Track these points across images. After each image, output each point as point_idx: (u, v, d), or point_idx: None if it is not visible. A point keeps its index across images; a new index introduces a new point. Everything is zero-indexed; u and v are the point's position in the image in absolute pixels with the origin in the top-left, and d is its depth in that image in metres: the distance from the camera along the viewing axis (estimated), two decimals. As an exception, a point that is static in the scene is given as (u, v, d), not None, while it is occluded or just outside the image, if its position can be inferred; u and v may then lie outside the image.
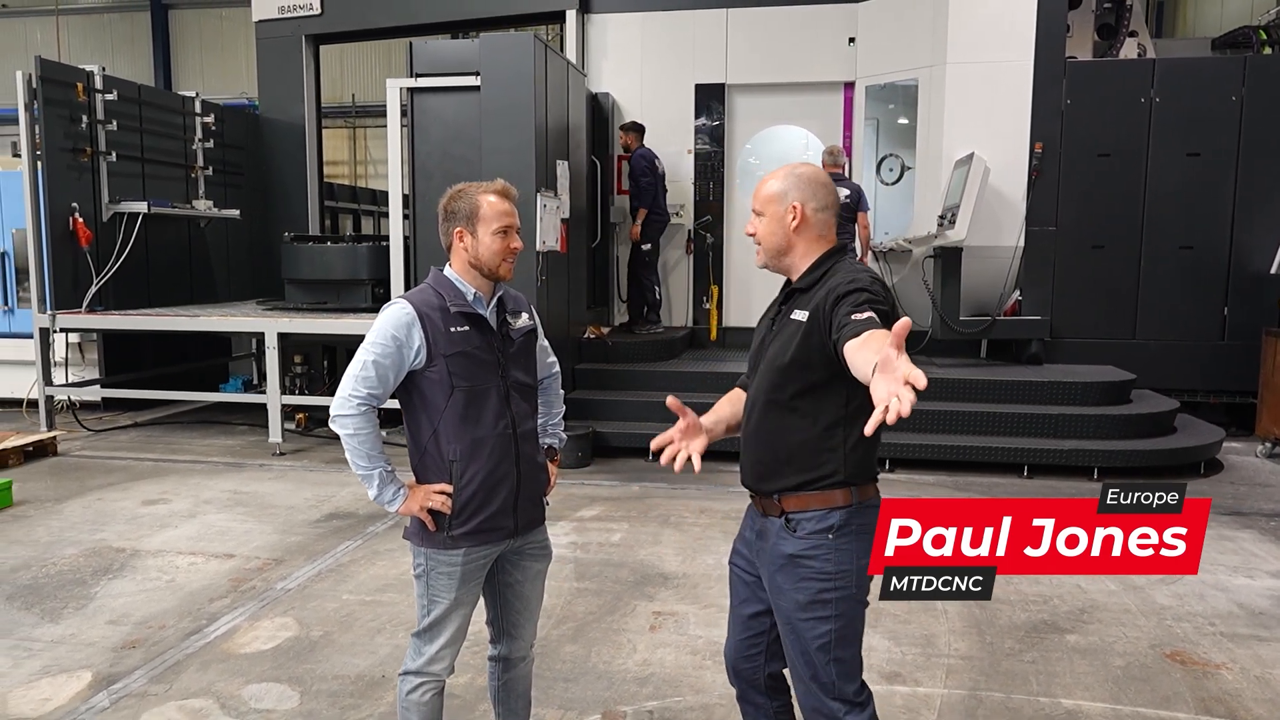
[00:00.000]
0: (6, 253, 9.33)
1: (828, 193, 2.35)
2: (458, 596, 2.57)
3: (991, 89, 7.99)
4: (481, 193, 2.56)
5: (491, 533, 2.57)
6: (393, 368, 2.49)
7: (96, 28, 20.12)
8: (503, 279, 2.58)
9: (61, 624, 4.17)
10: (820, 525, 2.26)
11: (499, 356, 2.57)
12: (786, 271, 2.38)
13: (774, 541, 2.33)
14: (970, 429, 7.13)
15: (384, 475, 2.52)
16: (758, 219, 2.37)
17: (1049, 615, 4.28)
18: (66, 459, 7.42)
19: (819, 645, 2.27)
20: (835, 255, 2.35)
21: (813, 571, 2.26)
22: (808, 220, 2.32)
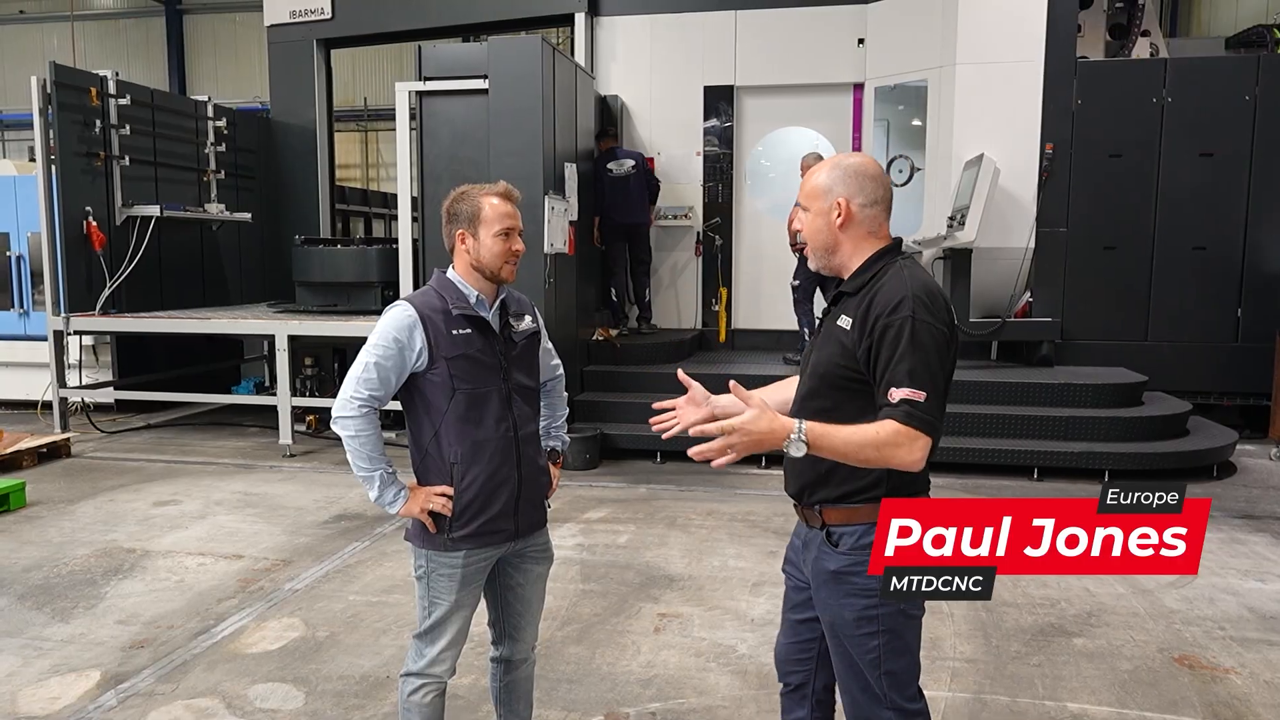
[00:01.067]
0: (22, 256, 9.43)
1: (877, 185, 2.20)
2: (458, 598, 2.57)
3: (1001, 89, 7.96)
4: (484, 195, 2.57)
5: (492, 535, 2.58)
6: (394, 370, 2.50)
7: (112, 33, 20.30)
8: (504, 281, 2.58)
9: (72, 623, 4.20)
10: (863, 540, 2.15)
11: (501, 359, 2.58)
12: (837, 271, 2.26)
13: (816, 555, 2.27)
14: (980, 431, 7.09)
15: (385, 477, 2.53)
16: (803, 214, 2.27)
17: (1056, 618, 4.26)
18: (80, 460, 7.48)
19: (870, 660, 2.21)
20: (886, 256, 2.21)
21: (857, 588, 2.18)
22: (854, 217, 2.19)
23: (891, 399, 2.04)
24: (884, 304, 2.09)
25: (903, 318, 2.05)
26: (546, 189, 6.98)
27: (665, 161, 9.53)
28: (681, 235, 9.57)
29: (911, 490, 2.19)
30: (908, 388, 2.02)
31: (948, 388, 2.14)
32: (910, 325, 2.04)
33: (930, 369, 2.04)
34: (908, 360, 2.03)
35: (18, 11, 20.24)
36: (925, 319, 2.05)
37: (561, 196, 7.33)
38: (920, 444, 2.04)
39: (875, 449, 2.04)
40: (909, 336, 2.04)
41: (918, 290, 2.09)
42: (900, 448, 2.03)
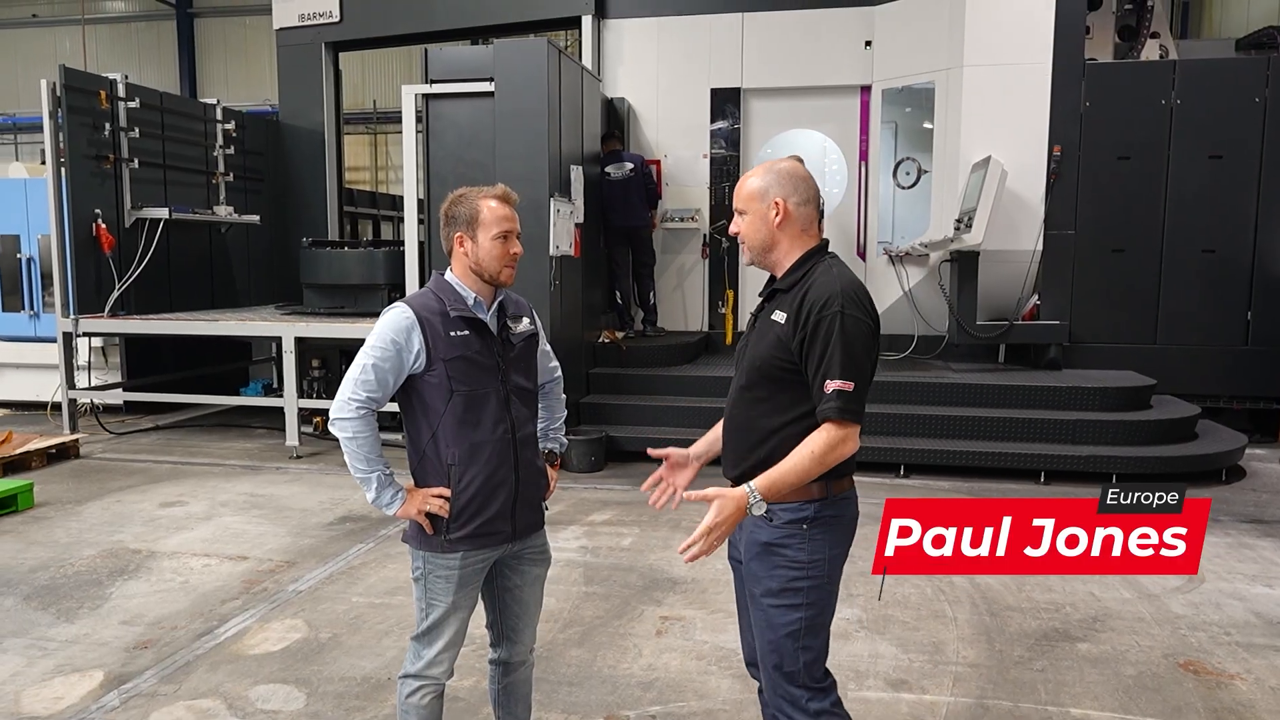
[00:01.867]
0: (33, 258, 9.49)
1: (809, 186, 2.37)
2: (455, 600, 2.57)
3: (1009, 91, 7.93)
4: (482, 198, 2.56)
5: (489, 536, 2.58)
6: (392, 371, 2.50)
7: (123, 36, 20.43)
8: (503, 284, 2.58)
9: (76, 624, 4.22)
10: (795, 516, 2.30)
11: (499, 361, 2.58)
12: (772, 268, 2.41)
13: (750, 529, 2.37)
14: (986, 434, 7.06)
15: (382, 478, 2.53)
16: (741, 218, 2.40)
17: (1060, 623, 4.23)
18: (88, 461, 7.52)
19: (788, 632, 2.33)
20: (817, 255, 2.37)
21: (786, 560, 2.31)
22: (791, 215, 2.34)
23: (826, 390, 2.21)
24: (815, 300, 2.25)
25: (833, 313, 2.21)
26: (552, 191, 6.99)
27: (672, 164, 9.53)
28: (688, 238, 9.56)
29: (837, 472, 2.31)
30: (838, 380, 2.20)
31: (873, 375, 2.32)
32: (840, 320, 2.21)
33: (858, 360, 2.21)
34: (838, 353, 2.20)
35: (30, 15, 20.40)
36: (853, 314, 2.23)
37: (567, 199, 7.34)
38: (853, 433, 2.24)
39: (819, 461, 2.22)
40: (839, 330, 2.20)
41: (846, 287, 2.26)
42: (842, 445, 2.23)
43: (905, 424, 7.17)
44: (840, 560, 2.38)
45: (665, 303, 9.53)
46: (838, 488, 2.34)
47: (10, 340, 9.67)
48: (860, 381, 2.21)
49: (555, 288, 7.09)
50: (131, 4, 20.30)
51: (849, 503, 2.40)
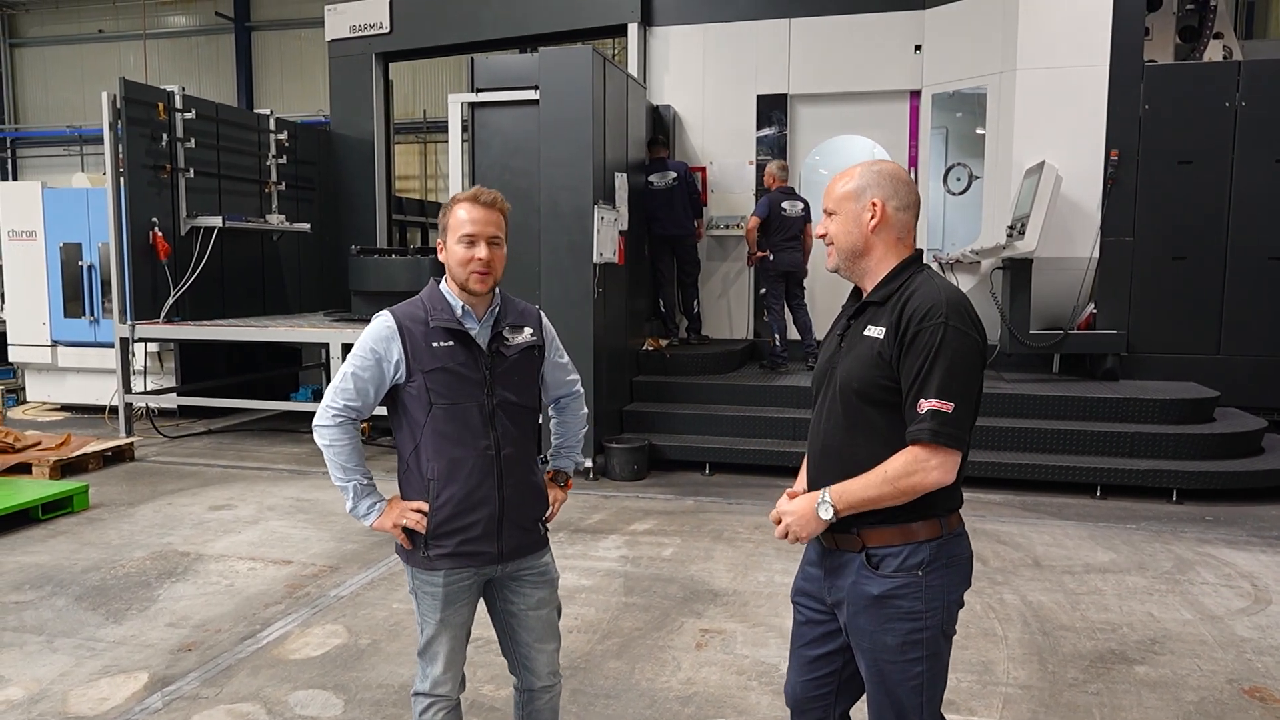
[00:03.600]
0: (93, 265, 9.75)
1: (910, 191, 2.17)
2: (443, 618, 2.51)
3: (1064, 95, 7.74)
4: (456, 202, 2.48)
5: (471, 557, 2.48)
6: (372, 381, 2.46)
7: (184, 50, 20.98)
8: (474, 292, 2.45)
9: (124, 625, 4.29)
10: (908, 562, 2.08)
11: (486, 374, 2.47)
12: (861, 277, 2.19)
13: (854, 581, 2.13)
14: (1040, 447, 6.87)
15: (359, 488, 2.49)
16: (829, 219, 2.20)
17: (1117, 644, 4.07)
18: (142, 464, 7.69)
19: (912, 687, 2.11)
20: (913, 266, 2.16)
21: (902, 612, 2.08)
22: (888, 219, 2.13)
23: (919, 410, 2.00)
24: (917, 309, 2.03)
25: (936, 324, 2.00)
26: (596, 198, 6.97)
27: (718, 171, 9.48)
28: (733, 245, 9.49)
29: (947, 507, 2.11)
30: (935, 399, 1.98)
31: (979, 399, 2.09)
32: (943, 332, 1.99)
33: (960, 379, 2.00)
34: (938, 369, 1.98)
35: (96, 31, 21.05)
36: (958, 326, 2.01)
37: (611, 206, 7.32)
38: (946, 461, 2.00)
39: (891, 483, 2.03)
40: (940, 344, 1.99)
41: (951, 297, 2.05)
42: (922, 472, 2.00)
43: (955, 435, 6.99)
44: (958, 606, 2.14)
45: (710, 311, 9.47)
46: (951, 524, 2.11)
47: (72, 345, 9.95)
48: (962, 403, 1.98)
49: (599, 295, 7.07)
50: (192, 19, 20.83)
51: (963, 540, 2.16)
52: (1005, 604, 4.52)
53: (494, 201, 2.47)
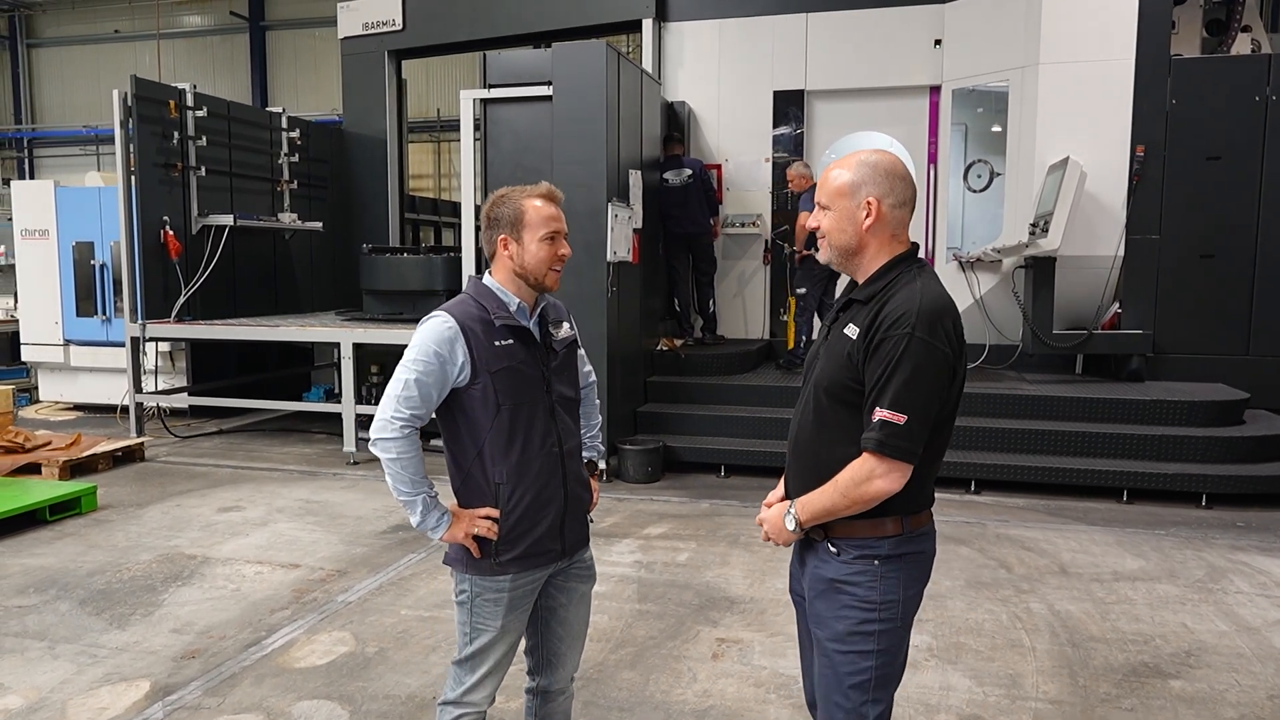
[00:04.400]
0: (105, 264, 9.71)
1: (906, 186, 2.10)
2: (504, 624, 2.43)
3: (1089, 90, 7.55)
4: (526, 197, 2.42)
5: (540, 556, 2.44)
6: (436, 385, 2.35)
7: (200, 50, 21.01)
8: (548, 289, 2.43)
9: (128, 631, 4.20)
10: (866, 551, 2.09)
11: (544, 370, 2.43)
12: (854, 273, 2.17)
13: (816, 564, 2.16)
14: (1064, 449, 6.71)
15: (428, 501, 2.39)
16: (823, 213, 2.14)
17: (1150, 657, 3.92)
18: (152, 464, 7.62)
19: (855, 683, 2.10)
20: (902, 264, 2.10)
21: (855, 599, 2.09)
22: (883, 218, 2.08)
23: (873, 418, 1.99)
24: (889, 315, 2.00)
25: (901, 334, 1.96)
26: (610, 196, 6.85)
27: (733, 168, 9.34)
28: (749, 243, 9.36)
29: (914, 506, 2.09)
30: (888, 409, 1.96)
31: (945, 414, 2.05)
32: (907, 343, 1.96)
33: (917, 392, 1.96)
34: (895, 379, 1.96)
35: (113, 31, 21.11)
36: (923, 337, 1.96)
37: (625, 204, 7.20)
38: (891, 471, 1.99)
39: (843, 493, 2.03)
40: (902, 354, 1.96)
41: (928, 304, 1.99)
42: (868, 481, 2.00)
43: (977, 438, 6.85)
44: (915, 602, 2.15)
45: (725, 310, 9.34)
46: (915, 523, 2.11)
47: (85, 344, 9.91)
48: (915, 417, 1.95)
49: (613, 294, 6.95)
50: (207, 18, 20.86)
51: (927, 538, 2.16)
52: (1032, 613, 4.37)
53: (560, 198, 2.48)
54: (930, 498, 2.16)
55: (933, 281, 2.07)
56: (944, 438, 2.11)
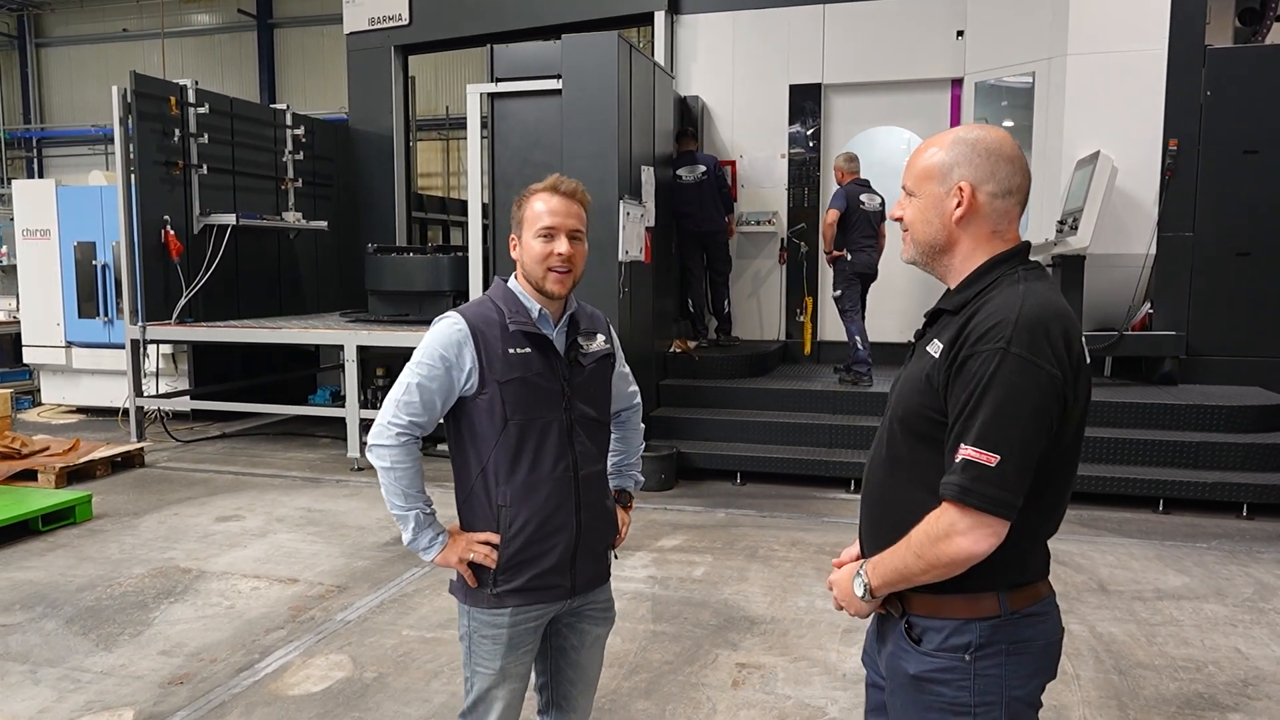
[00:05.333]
0: (107, 264, 9.52)
1: (1013, 171, 1.69)
2: (503, 666, 2.18)
3: (1119, 81, 7.27)
4: (532, 192, 2.19)
5: (543, 591, 2.19)
6: (440, 392, 2.13)
7: (208, 48, 20.87)
8: (550, 294, 2.17)
9: (114, 653, 3.98)
10: (953, 640, 1.66)
11: (564, 385, 2.18)
12: (943, 276, 1.76)
13: (893, 651, 1.76)
14: (1096, 457, 6.43)
15: (421, 518, 2.16)
16: (907, 200, 1.77)
17: (1204, 686, 3.65)
18: (152, 470, 7.42)
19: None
20: (1005, 264, 1.69)
21: (943, 701, 1.67)
22: (979, 208, 1.69)
23: (955, 458, 1.57)
24: (977, 327, 1.59)
25: (993, 349, 1.55)
26: (622, 193, 6.61)
27: (747, 165, 9.08)
28: (765, 242, 9.10)
29: (1018, 577, 1.66)
30: (974, 447, 1.55)
31: (1060, 456, 1.62)
32: (999, 360, 1.54)
33: (1014, 425, 1.54)
34: (985, 408, 1.54)
35: (121, 30, 20.98)
36: (1023, 354, 1.54)
37: (638, 201, 6.95)
38: (978, 527, 1.55)
39: (917, 554, 1.62)
40: (992, 375, 1.54)
41: (1030, 313, 1.57)
42: (947, 539, 1.58)
43: (1003, 444, 6.57)
44: (1023, 706, 1.68)
45: (741, 310, 9.09)
46: (1018, 601, 1.65)
47: (87, 346, 9.73)
48: (1010, 457, 1.53)
49: (624, 294, 6.71)
50: (215, 16, 20.70)
51: (1041, 622, 1.69)
52: (1073, 636, 4.10)
53: (574, 191, 2.19)
54: (1042, 566, 1.73)
55: (1041, 285, 1.65)
56: (1060, 487, 1.67)
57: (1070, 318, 1.62)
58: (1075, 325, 1.63)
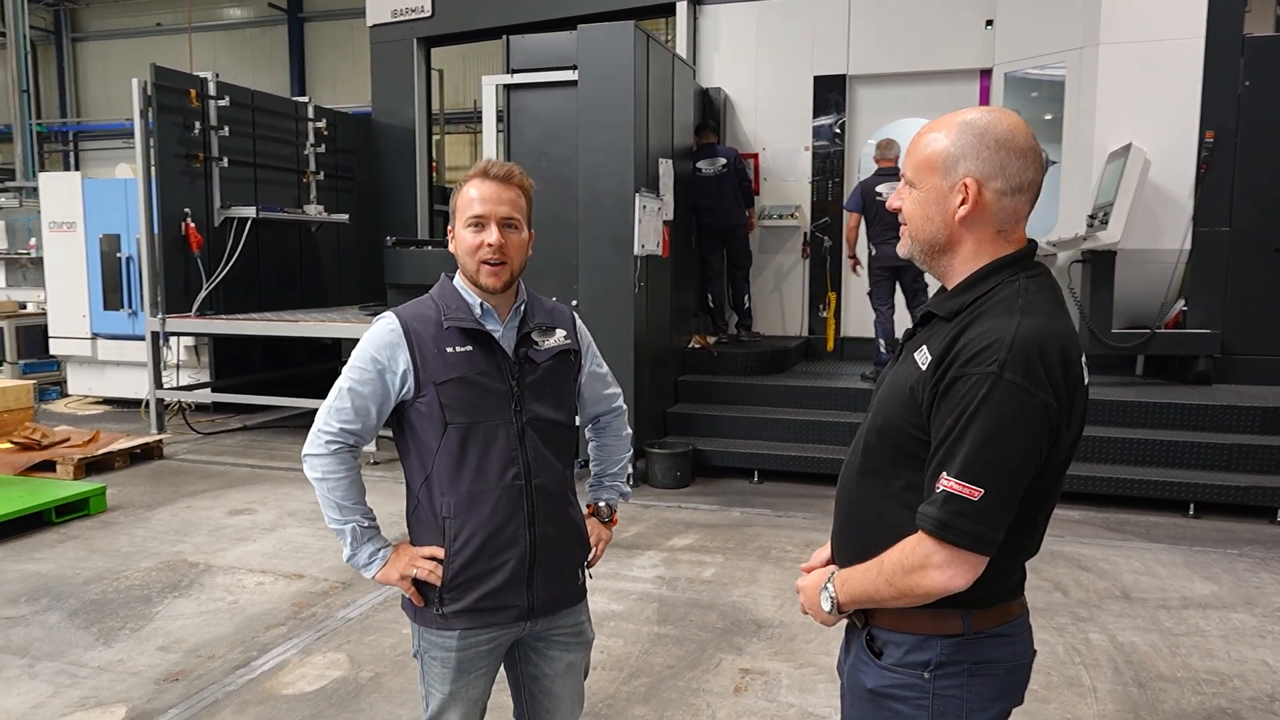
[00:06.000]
0: (131, 257, 9.58)
1: (1026, 165, 1.51)
2: (454, 690, 2.06)
3: (1153, 72, 7.02)
4: (466, 177, 2.04)
5: (494, 613, 2.04)
6: (374, 398, 2.00)
7: (239, 42, 21.04)
8: (485, 288, 2.01)
9: (114, 647, 3.97)
10: (913, 656, 1.56)
11: (512, 385, 2.02)
12: (942, 277, 1.62)
13: (853, 663, 1.67)
14: (1124, 458, 6.23)
15: (358, 531, 2.03)
16: (907, 190, 1.61)
17: (1228, 700, 3.49)
18: (170, 463, 7.45)
19: None
20: (1007, 269, 1.53)
21: (899, 718, 1.58)
22: (986, 207, 1.52)
23: (936, 486, 1.46)
24: (969, 344, 1.45)
25: (984, 373, 1.41)
26: (638, 186, 6.50)
27: (770, 158, 8.94)
28: (787, 236, 8.96)
29: (986, 597, 1.53)
30: (957, 479, 1.43)
31: (1043, 485, 1.51)
32: (990, 385, 1.41)
33: (1000, 457, 1.41)
34: (970, 437, 1.41)
35: (155, 24, 21.22)
36: (1016, 380, 1.40)
37: (655, 194, 6.84)
38: (954, 562, 1.45)
39: (888, 580, 1.51)
40: (981, 401, 1.41)
41: (1027, 333, 1.43)
42: (922, 571, 1.47)
43: (1028, 444, 6.39)
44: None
45: (762, 306, 8.96)
46: (984, 621, 1.55)
47: (112, 338, 9.81)
48: (994, 491, 1.42)
49: (641, 289, 6.61)
50: (247, 10, 20.87)
51: (1007, 644, 1.58)
52: (1092, 646, 3.95)
53: (509, 175, 2.00)
54: (1015, 587, 1.61)
55: (1042, 298, 1.50)
56: (1040, 511, 1.56)
57: (1070, 336, 1.49)
58: (1075, 344, 1.50)
